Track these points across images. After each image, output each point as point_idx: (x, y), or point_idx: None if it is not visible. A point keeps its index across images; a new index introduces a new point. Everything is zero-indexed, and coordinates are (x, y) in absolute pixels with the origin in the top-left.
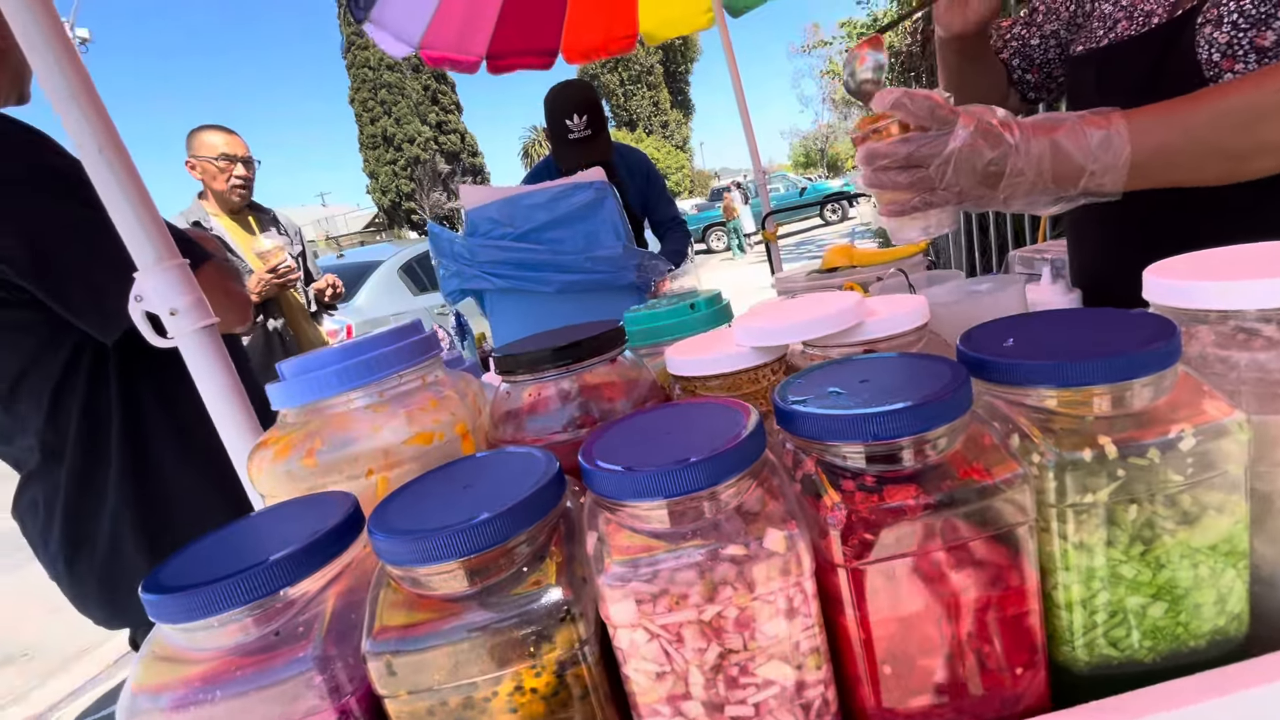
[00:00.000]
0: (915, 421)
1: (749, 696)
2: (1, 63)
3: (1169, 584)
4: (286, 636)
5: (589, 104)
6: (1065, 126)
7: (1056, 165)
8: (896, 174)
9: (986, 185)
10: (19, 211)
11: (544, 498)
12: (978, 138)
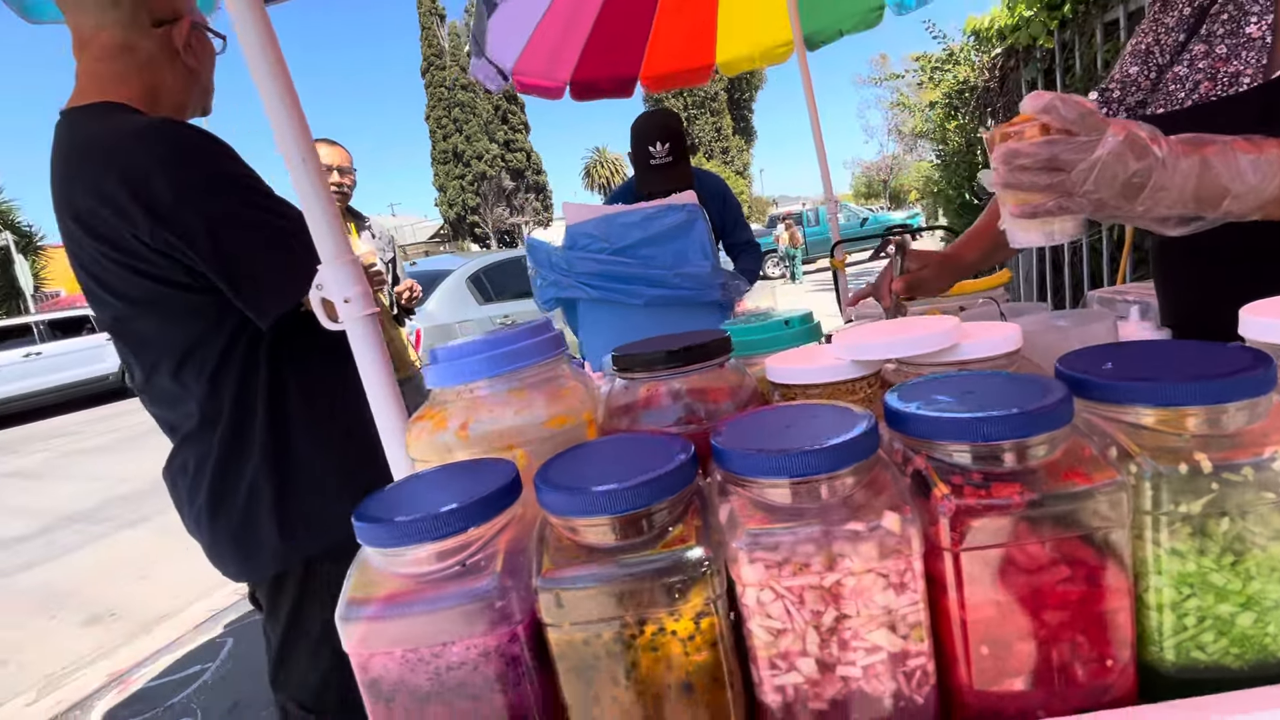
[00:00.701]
0: (1022, 426)
1: (858, 659)
2: (194, 82)
3: (1258, 595)
4: (470, 569)
5: (672, 133)
6: (1215, 146)
7: (1202, 184)
8: (1036, 174)
9: (1125, 197)
10: (207, 208)
11: (685, 472)
12: (1126, 148)
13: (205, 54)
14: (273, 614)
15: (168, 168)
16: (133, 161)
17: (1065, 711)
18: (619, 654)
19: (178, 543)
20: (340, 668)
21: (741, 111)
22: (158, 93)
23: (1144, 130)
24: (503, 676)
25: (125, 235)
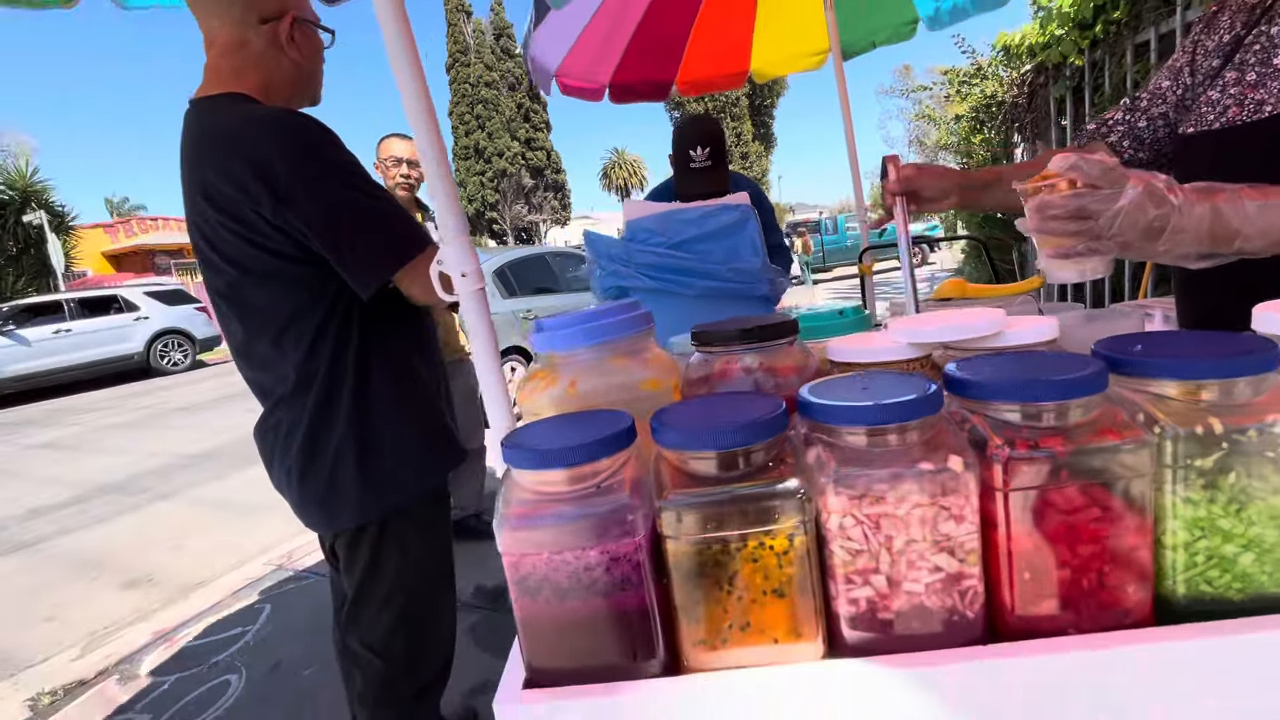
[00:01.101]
0: (1063, 390)
1: (921, 578)
2: (299, 73)
3: (1258, 538)
4: (603, 489)
5: (713, 138)
6: (1225, 194)
7: (1214, 227)
8: (1066, 223)
9: (1148, 239)
10: (321, 191)
11: (780, 420)
12: (1145, 197)
13: (309, 47)
14: (350, 565)
15: (287, 153)
16: (257, 147)
17: (1091, 630)
18: (724, 563)
19: (209, 516)
20: (408, 617)
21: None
22: (270, 84)
23: (1160, 180)
24: (627, 579)
25: (248, 212)
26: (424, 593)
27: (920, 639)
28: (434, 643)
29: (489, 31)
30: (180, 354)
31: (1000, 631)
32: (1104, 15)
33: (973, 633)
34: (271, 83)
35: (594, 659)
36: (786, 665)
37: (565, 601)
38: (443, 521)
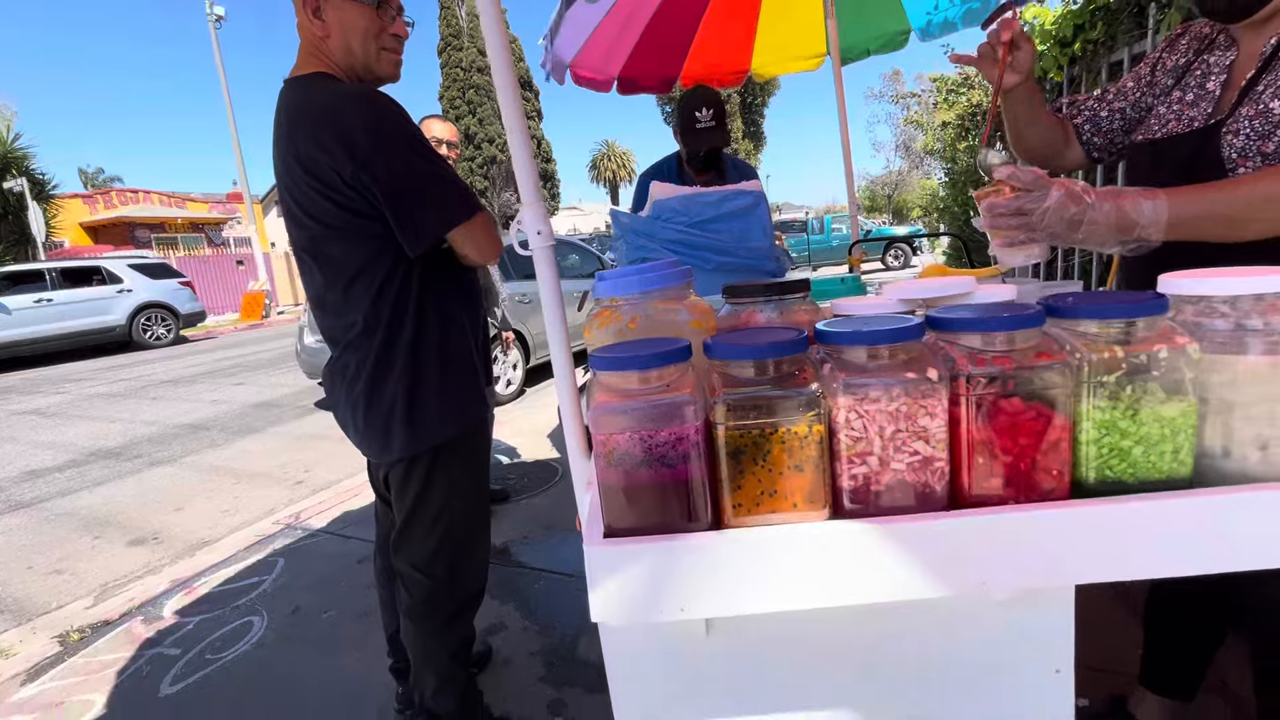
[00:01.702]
0: (1011, 324)
1: (905, 458)
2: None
3: (1146, 436)
4: (672, 387)
5: (715, 101)
6: (1127, 196)
7: (1119, 220)
8: (1009, 219)
9: (1071, 230)
10: (389, 156)
11: (802, 343)
12: (1066, 198)
13: (342, 22)
14: (401, 493)
15: (367, 125)
16: (340, 117)
17: (1025, 502)
18: (760, 444)
19: (211, 480)
20: (450, 541)
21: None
22: (334, 62)
23: (1078, 185)
24: (687, 454)
25: (331, 174)
26: (464, 519)
27: (901, 507)
28: (471, 565)
29: None
30: (163, 328)
31: (959, 501)
32: (1083, 34)
33: (939, 502)
34: (336, 61)
35: (656, 518)
36: (802, 524)
37: (637, 472)
38: (483, 454)
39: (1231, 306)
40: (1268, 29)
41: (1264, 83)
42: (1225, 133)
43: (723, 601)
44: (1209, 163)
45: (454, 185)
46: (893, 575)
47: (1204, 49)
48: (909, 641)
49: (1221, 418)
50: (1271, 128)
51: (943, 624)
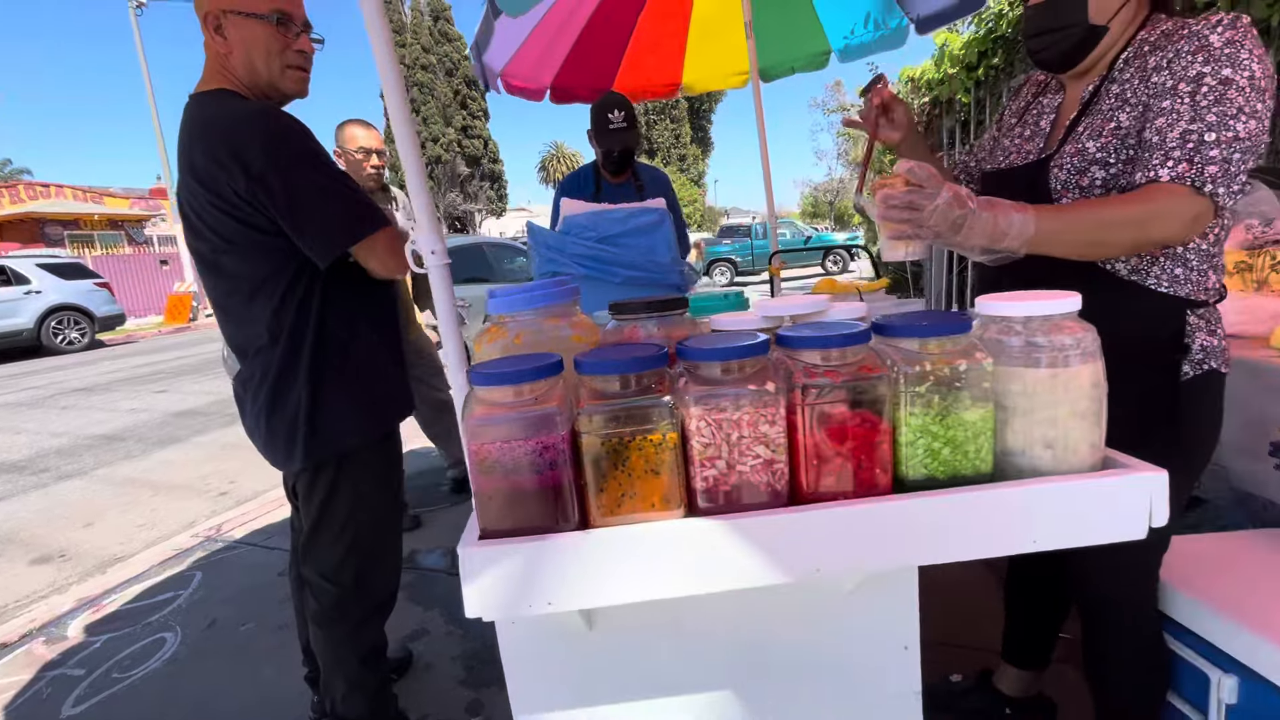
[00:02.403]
0: (841, 342)
1: (748, 461)
2: (264, 74)
3: (953, 438)
4: (540, 399)
5: (625, 105)
6: (1000, 206)
7: (992, 228)
8: (901, 211)
9: (953, 231)
10: (285, 173)
11: (659, 359)
12: (952, 200)
13: (244, 39)
14: (308, 500)
15: (264, 142)
16: (235, 133)
17: (854, 498)
18: (620, 451)
19: (125, 494)
20: (357, 550)
21: (700, 122)
22: (238, 79)
23: (964, 191)
24: (554, 461)
25: (227, 189)
26: (372, 527)
27: (747, 504)
28: (381, 572)
29: (426, 13)
30: (76, 332)
31: (799, 498)
32: (986, 60)
33: (781, 500)
34: (239, 78)
35: (528, 521)
36: (659, 522)
37: (509, 478)
38: (391, 466)
39: (1024, 326)
40: (1087, 79)
41: (1083, 125)
42: (1052, 166)
43: (587, 594)
44: (1040, 192)
45: (355, 201)
46: (739, 565)
47: (1040, 93)
48: (775, 628)
49: (1016, 421)
50: (1087, 164)
51: (804, 610)
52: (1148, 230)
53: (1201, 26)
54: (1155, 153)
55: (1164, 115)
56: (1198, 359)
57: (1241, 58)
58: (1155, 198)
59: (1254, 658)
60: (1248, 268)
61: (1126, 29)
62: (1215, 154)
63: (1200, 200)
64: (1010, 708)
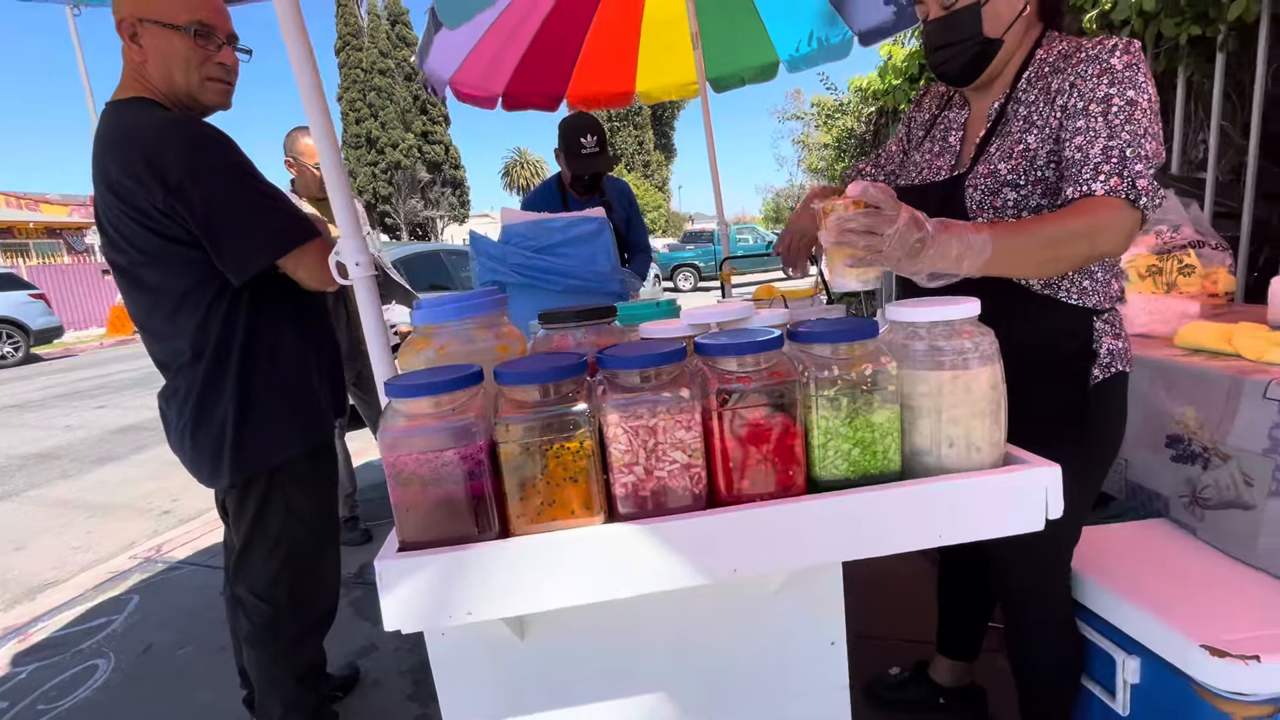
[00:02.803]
0: (754, 348)
1: (665, 466)
2: (183, 84)
3: (861, 439)
4: (456, 411)
5: (598, 129)
6: (957, 227)
7: (951, 249)
8: (859, 236)
9: (910, 256)
10: (203, 184)
11: (576, 369)
12: (910, 223)
13: (159, 49)
14: (239, 517)
15: (180, 153)
16: (153, 147)
17: (769, 499)
18: (538, 459)
19: (59, 516)
20: (291, 566)
21: (664, 128)
22: (155, 89)
23: (919, 213)
24: (473, 471)
25: (144, 202)
26: (307, 543)
27: (666, 508)
28: (317, 589)
29: (384, 16)
30: (9, 346)
31: (717, 501)
32: (926, 71)
33: (700, 503)
34: (156, 87)
35: (449, 532)
36: (578, 529)
37: (428, 490)
38: (325, 478)
39: (928, 331)
40: (991, 94)
41: (994, 145)
42: (967, 186)
43: (508, 603)
44: (956, 210)
45: (280, 212)
46: (658, 569)
47: (945, 106)
48: (706, 629)
49: (923, 422)
50: (999, 185)
51: (733, 610)
52: (1095, 244)
53: (1100, 50)
54: (1083, 168)
55: (1081, 134)
56: (1105, 363)
57: (1140, 80)
58: (1097, 211)
59: (1152, 639)
60: (1158, 271)
61: (1022, 44)
62: (1140, 168)
63: (1135, 213)
64: (944, 697)
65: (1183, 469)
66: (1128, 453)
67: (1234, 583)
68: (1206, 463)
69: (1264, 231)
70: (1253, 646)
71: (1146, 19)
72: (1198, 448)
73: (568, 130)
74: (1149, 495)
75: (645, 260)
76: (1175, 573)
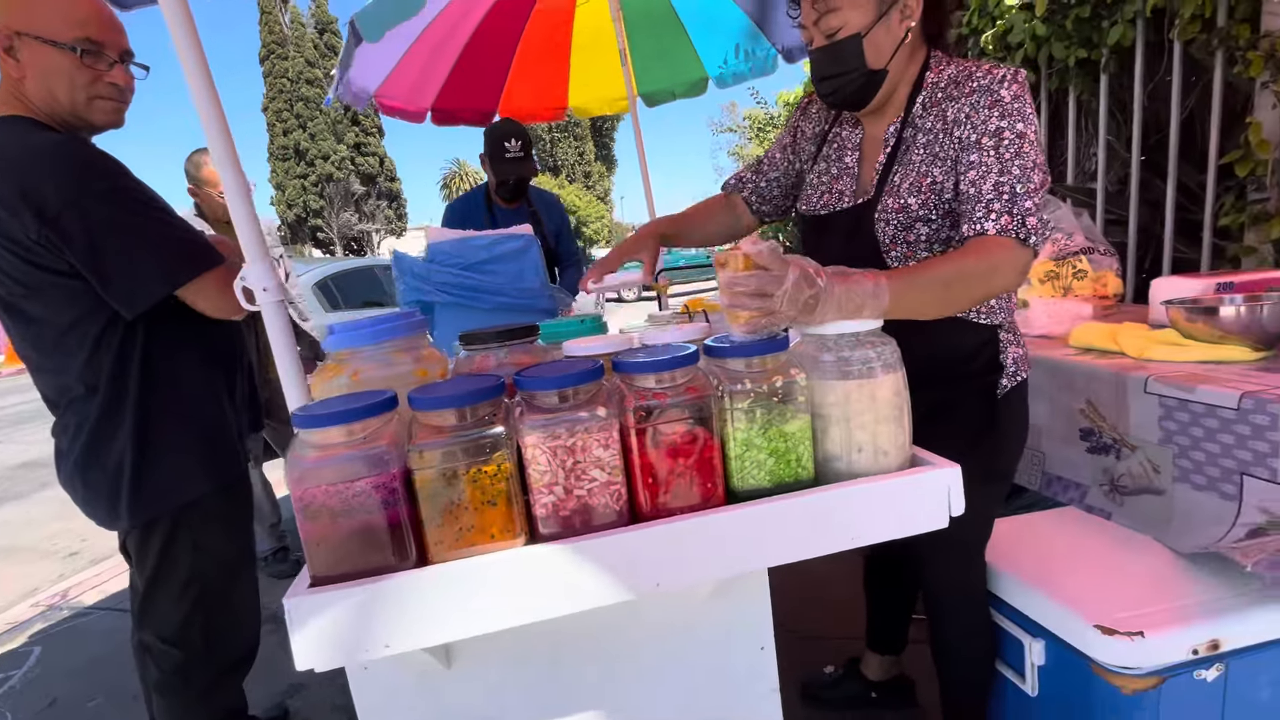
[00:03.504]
0: (669, 365)
1: (585, 484)
2: (67, 103)
3: (775, 449)
4: (367, 439)
5: (522, 134)
6: (854, 278)
7: (848, 301)
8: (750, 299)
9: (806, 312)
10: (84, 214)
11: (492, 391)
12: (801, 279)
13: (37, 67)
14: (142, 559)
15: (59, 181)
16: (27, 172)
17: (690, 511)
18: (455, 484)
19: None
20: (203, 607)
21: (604, 139)
22: (34, 106)
23: (811, 265)
24: (387, 500)
25: (17, 231)
26: (219, 581)
27: (588, 527)
28: (233, 629)
29: (310, 25)
30: None
31: (639, 516)
32: None
33: (622, 520)
34: (36, 104)
35: (363, 564)
36: (497, 553)
37: (338, 521)
38: (238, 512)
39: (835, 343)
40: (885, 117)
41: (898, 174)
42: (877, 220)
43: (427, 633)
44: (866, 238)
45: (176, 240)
46: (581, 588)
47: (835, 120)
48: (638, 642)
49: (833, 429)
50: (912, 220)
51: (664, 621)
52: (991, 283)
53: (990, 81)
54: (976, 205)
55: (975, 168)
56: (1011, 372)
57: (1027, 112)
58: (990, 252)
59: (1055, 622)
60: (1055, 276)
61: (909, 68)
62: (1029, 205)
63: (1027, 251)
64: (875, 691)
65: (1099, 459)
66: (1044, 446)
67: (1131, 564)
68: (1119, 453)
69: (1149, 236)
70: (1139, 623)
71: (1039, 42)
72: (1108, 439)
73: (492, 135)
74: (1067, 485)
75: (576, 274)
76: (1080, 558)
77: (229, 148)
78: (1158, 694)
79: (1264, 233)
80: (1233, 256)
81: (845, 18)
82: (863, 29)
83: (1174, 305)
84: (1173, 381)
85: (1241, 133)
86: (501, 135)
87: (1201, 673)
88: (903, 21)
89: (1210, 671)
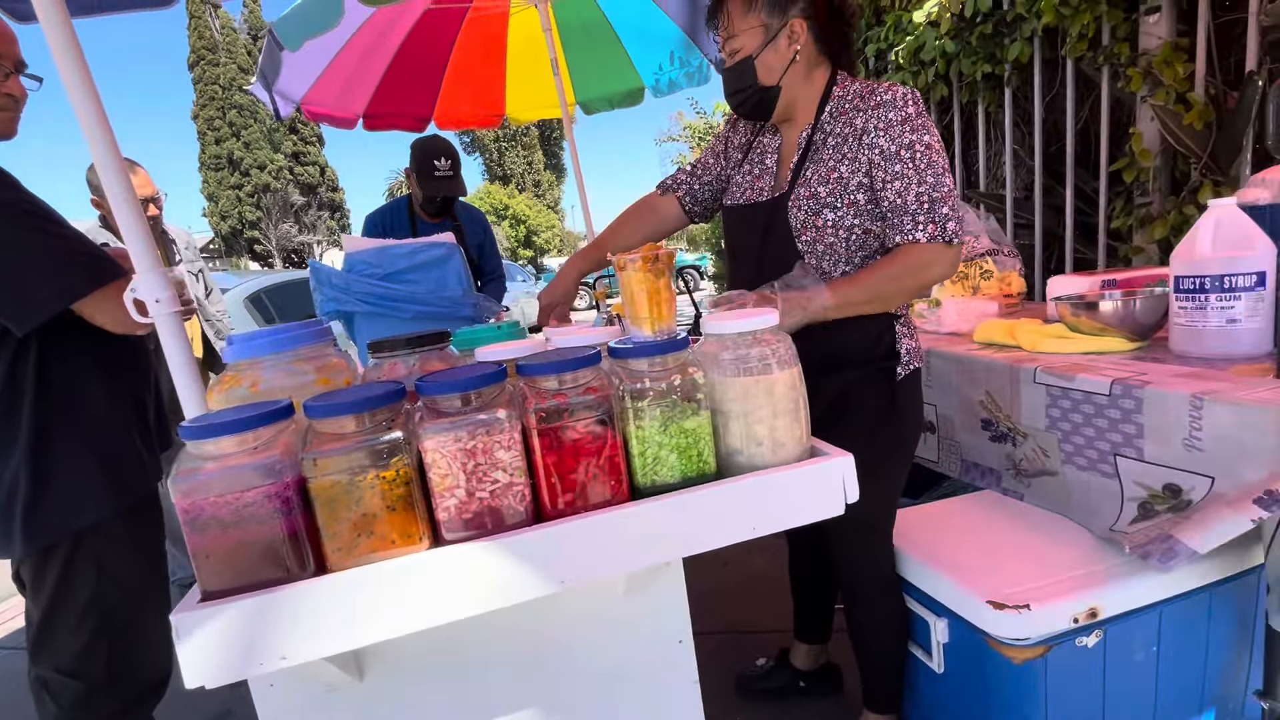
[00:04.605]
0: (569, 366)
1: (488, 486)
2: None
3: (677, 445)
4: (260, 448)
5: (451, 153)
6: (802, 297)
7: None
8: None
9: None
10: None
11: (390, 397)
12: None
13: None
14: (37, 587)
15: None
16: None
17: (594, 509)
18: (352, 491)
19: None
20: (105, 635)
21: (553, 148)
22: None
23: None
24: (280, 509)
25: None
26: (124, 608)
27: (491, 528)
28: (139, 659)
29: (243, 30)
30: None
31: (544, 516)
32: None
33: (527, 520)
34: None
35: (258, 575)
36: (397, 558)
37: (228, 533)
38: (146, 534)
39: (734, 341)
40: (797, 125)
41: (809, 170)
42: (790, 207)
43: (326, 642)
44: (781, 226)
45: (69, 254)
46: (485, 588)
47: (759, 131)
48: (557, 640)
49: (734, 424)
50: (820, 207)
51: (583, 618)
52: (922, 277)
53: (894, 97)
54: (904, 217)
55: (898, 179)
56: (906, 361)
57: (929, 124)
58: (922, 253)
59: (955, 601)
60: (965, 276)
61: (811, 83)
62: (946, 210)
63: (953, 249)
64: (804, 680)
65: (1000, 447)
66: (958, 436)
67: (1031, 541)
68: (1014, 440)
69: (1053, 238)
70: (1026, 597)
71: (949, 58)
72: (1004, 429)
73: (421, 152)
74: (984, 471)
75: (499, 289)
76: (984, 539)
77: (113, 151)
78: (1044, 662)
79: (1149, 234)
80: (1124, 256)
81: (741, 42)
82: (754, 52)
83: (1062, 301)
84: (1057, 371)
85: (1127, 142)
86: (431, 153)
87: (1083, 640)
88: (790, 45)
89: (1090, 638)
